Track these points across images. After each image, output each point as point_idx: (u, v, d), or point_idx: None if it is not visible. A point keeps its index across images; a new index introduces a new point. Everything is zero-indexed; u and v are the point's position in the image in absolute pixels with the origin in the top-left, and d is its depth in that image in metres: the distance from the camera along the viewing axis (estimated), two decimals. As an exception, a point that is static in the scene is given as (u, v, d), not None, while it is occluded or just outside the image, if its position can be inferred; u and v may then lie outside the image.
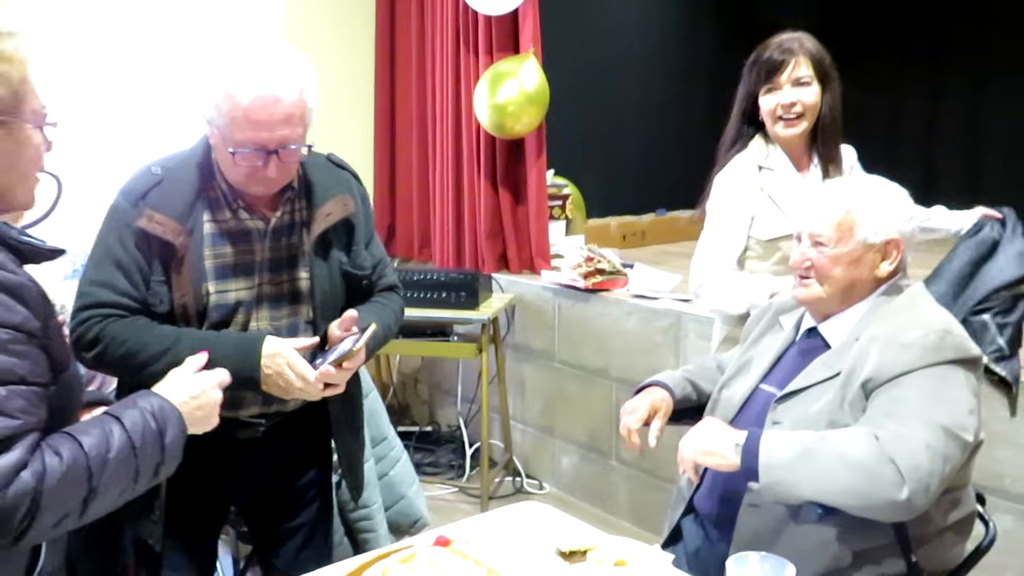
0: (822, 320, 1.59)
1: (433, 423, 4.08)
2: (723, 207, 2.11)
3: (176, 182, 1.55)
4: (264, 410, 1.67)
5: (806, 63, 1.99)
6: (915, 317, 1.46)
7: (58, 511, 1.05)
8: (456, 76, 3.70)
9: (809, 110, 2.00)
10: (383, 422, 2.68)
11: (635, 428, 1.67)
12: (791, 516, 1.44)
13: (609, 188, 4.92)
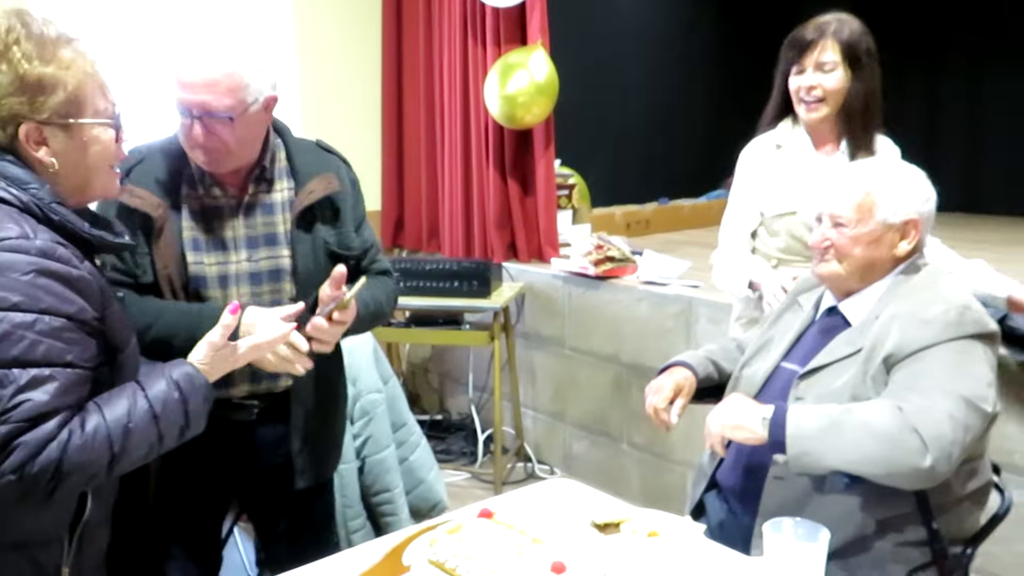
0: (842, 298, 1.64)
1: (444, 411, 4.13)
2: (736, 184, 2.20)
3: (156, 161, 1.65)
4: (254, 388, 1.70)
5: (833, 47, 1.98)
6: (935, 294, 1.52)
7: (83, 475, 1.17)
8: (464, 68, 3.74)
9: (831, 95, 1.99)
10: (403, 408, 2.73)
11: (662, 407, 1.72)
12: (815, 487, 1.49)
13: (613, 178, 4.98)
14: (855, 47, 1.98)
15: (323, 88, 4.00)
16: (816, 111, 2.02)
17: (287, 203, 1.70)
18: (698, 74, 5.78)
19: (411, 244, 4.24)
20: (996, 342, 1.52)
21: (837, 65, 1.98)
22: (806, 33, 2.02)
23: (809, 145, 2.10)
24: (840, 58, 1.98)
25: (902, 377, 1.45)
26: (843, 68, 1.98)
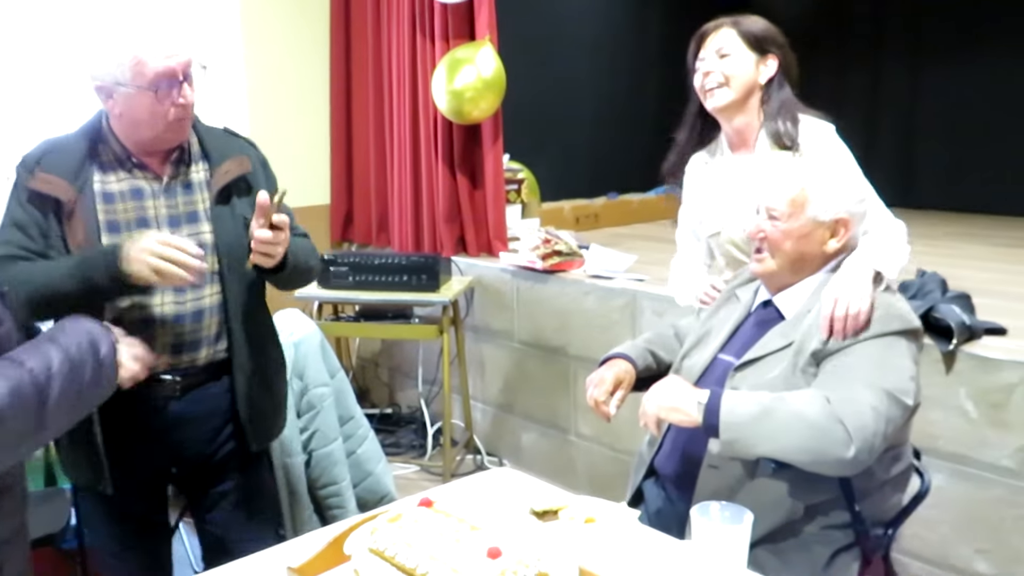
0: (776, 292, 1.70)
1: (393, 405, 4.14)
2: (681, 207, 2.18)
3: (66, 149, 1.72)
4: (175, 361, 1.74)
5: (731, 34, 1.92)
6: None
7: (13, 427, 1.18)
8: (413, 62, 3.75)
9: (733, 80, 1.90)
10: (351, 402, 2.74)
11: (602, 399, 1.77)
12: (747, 475, 1.55)
13: (562, 172, 5.02)
14: (756, 33, 1.92)
15: (270, 82, 3.97)
16: (716, 97, 1.92)
17: (204, 183, 1.79)
18: (647, 69, 5.85)
19: (360, 238, 4.24)
20: (919, 338, 1.59)
21: (737, 50, 1.91)
22: (706, 26, 1.98)
23: (728, 157, 2.03)
24: (741, 43, 1.91)
25: (830, 370, 1.52)
26: (745, 53, 1.91)
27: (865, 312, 1.52)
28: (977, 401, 2.25)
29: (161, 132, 1.69)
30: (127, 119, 1.68)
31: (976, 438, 2.25)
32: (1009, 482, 2.21)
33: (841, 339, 1.53)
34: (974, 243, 4.52)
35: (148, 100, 1.64)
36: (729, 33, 1.93)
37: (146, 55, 1.62)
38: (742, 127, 1.99)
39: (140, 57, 1.61)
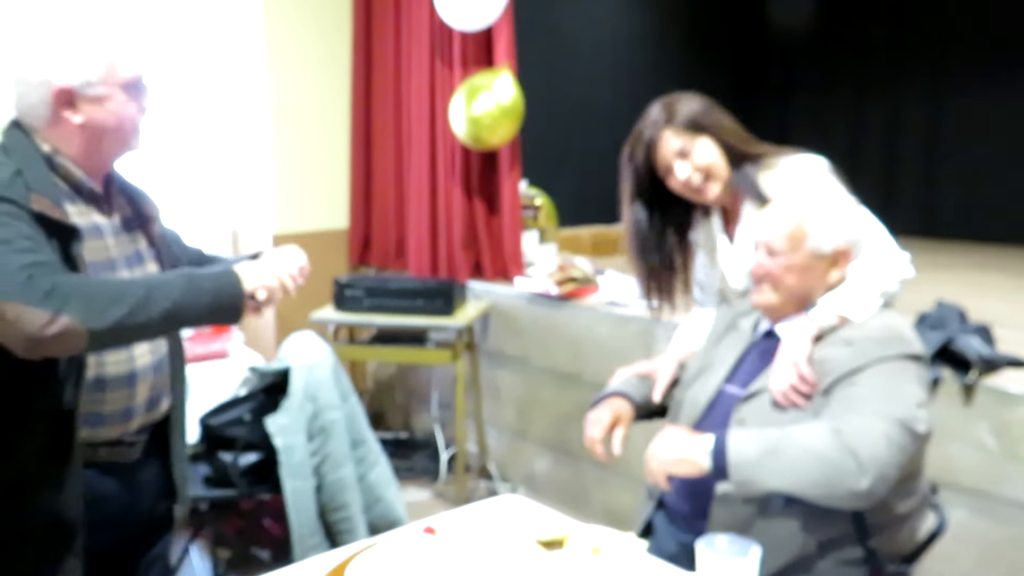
0: (777, 322, 1.68)
1: (408, 429, 4.13)
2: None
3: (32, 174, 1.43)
4: (147, 419, 1.60)
5: (671, 136, 1.83)
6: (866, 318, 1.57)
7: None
8: (431, 89, 3.78)
9: (711, 169, 1.82)
10: (363, 426, 2.74)
11: (599, 439, 1.75)
12: (759, 510, 1.53)
13: (580, 198, 5.03)
14: (689, 117, 1.83)
15: (294, 106, 4.02)
16: (707, 192, 1.84)
17: (131, 219, 1.62)
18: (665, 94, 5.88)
19: (378, 262, 4.25)
20: (925, 363, 1.56)
21: (691, 143, 1.82)
22: (641, 139, 1.88)
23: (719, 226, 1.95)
24: (688, 137, 1.82)
25: (838, 400, 1.49)
26: (698, 140, 1.82)
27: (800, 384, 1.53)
28: (998, 435, 2.21)
29: (126, 141, 1.53)
30: (91, 129, 1.47)
31: (996, 473, 2.21)
32: (1030, 519, 2.16)
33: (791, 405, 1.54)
34: (994, 274, 4.47)
35: (120, 102, 1.49)
36: (670, 136, 1.83)
37: (122, 53, 1.49)
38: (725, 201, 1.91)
39: (116, 54, 1.48)
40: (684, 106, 1.86)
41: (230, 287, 1.47)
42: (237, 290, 1.48)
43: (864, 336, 1.53)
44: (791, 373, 1.55)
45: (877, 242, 1.70)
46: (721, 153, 1.84)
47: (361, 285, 3.42)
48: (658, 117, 1.87)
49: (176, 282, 1.42)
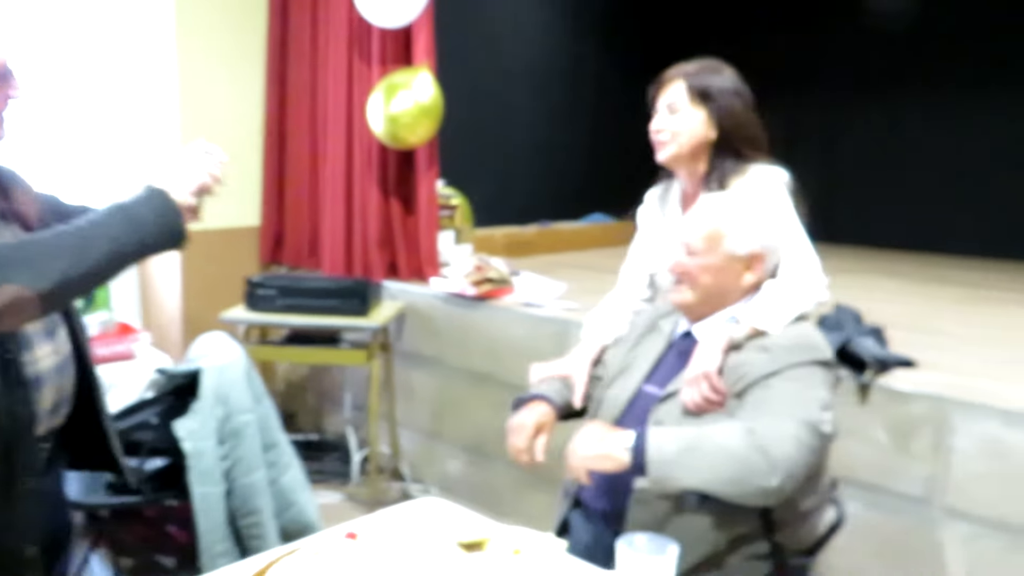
0: (695, 322, 1.74)
1: (320, 431, 4.08)
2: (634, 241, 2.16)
3: None
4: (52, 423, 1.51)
5: (681, 88, 1.91)
6: None
7: None
8: (349, 86, 3.74)
9: (679, 136, 1.91)
10: (275, 428, 2.68)
11: (523, 447, 1.76)
12: (674, 509, 1.58)
13: (495, 199, 5.05)
14: (706, 87, 1.89)
15: (203, 100, 3.91)
16: (663, 151, 1.94)
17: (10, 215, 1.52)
18: (580, 100, 5.96)
19: (291, 261, 4.18)
20: (833, 368, 1.65)
21: (685, 106, 1.90)
22: (663, 75, 1.98)
23: (676, 213, 2.04)
24: (689, 98, 1.90)
25: (752, 402, 1.55)
26: (693, 109, 1.90)
27: (711, 394, 1.58)
28: (890, 431, 2.34)
29: None
30: None
31: (888, 468, 2.33)
32: (918, 510, 2.29)
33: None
34: (886, 277, 4.71)
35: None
36: (680, 88, 1.91)
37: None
38: (692, 181, 1.99)
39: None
40: (713, 76, 1.92)
41: (165, 205, 1.40)
42: (173, 204, 1.40)
43: (778, 344, 1.59)
44: (702, 384, 1.60)
45: (801, 262, 1.77)
46: (709, 134, 1.90)
47: (274, 284, 3.35)
48: (687, 67, 1.94)
49: (109, 219, 1.34)
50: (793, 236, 1.80)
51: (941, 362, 2.55)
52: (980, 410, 2.19)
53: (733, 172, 1.89)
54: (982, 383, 2.37)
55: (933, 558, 2.26)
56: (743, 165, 1.90)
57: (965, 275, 4.88)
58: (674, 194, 2.08)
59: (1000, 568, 2.16)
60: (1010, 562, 2.14)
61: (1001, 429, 2.15)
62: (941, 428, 2.25)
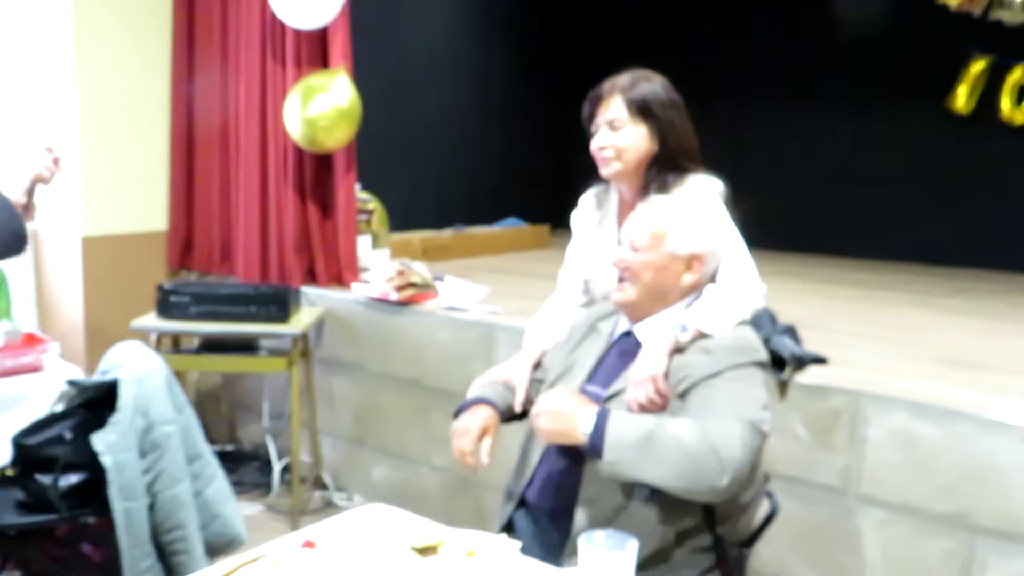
0: (636, 322, 1.79)
1: (235, 441, 3.96)
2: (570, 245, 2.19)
3: None
4: None
5: (622, 104, 1.94)
6: None
7: None
8: (263, 88, 3.66)
9: (624, 153, 1.95)
10: (198, 439, 2.60)
11: (469, 450, 1.76)
12: (623, 506, 1.61)
13: (410, 203, 5.03)
14: (645, 102, 1.94)
15: (103, 99, 3.75)
16: (608, 167, 1.98)
17: None
18: (492, 102, 5.99)
19: (201, 266, 4.05)
20: (768, 369, 1.72)
21: (626, 122, 1.94)
22: (600, 89, 2.00)
23: (612, 222, 2.09)
24: (629, 115, 1.94)
25: (696, 402, 1.60)
26: (633, 124, 1.94)
27: (656, 397, 1.63)
28: (808, 426, 2.45)
29: None
30: None
31: (807, 460, 2.45)
32: (836, 500, 2.41)
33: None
34: (784, 279, 4.92)
35: None
36: (619, 104, 1.95)
37: None
38: (632, 191, 2.04)
39: None
40: (649, 87, 1.96)
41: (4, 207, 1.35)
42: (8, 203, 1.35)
43: (720, 346, 1.65)
44: (648, 387, 1.64)
45: (740, 268, 1.85)
46: (649, 148, 1.95)
47: (188, 291, 3.24)
48: (622, 82, 1.97)
49: None
50: (732, 244, 1.87)
51: (849, 359, 2.69)
52: (891, 402, 2.33)
53: (674, 183, 1.95)
54: (888, 377, 2.52)
55: (850, 544, 2.39)
56: (682, 176, 1.96)
57: (858, 276, 5.14)
58: (612, 203, 2.12)
59: (911, 550, 2.30)
60: (920, 544, 2.28)
61: (910, 420, 2.29)
62: (856, 420, 2.37)
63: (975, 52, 5.38)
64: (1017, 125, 5.33)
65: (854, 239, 5.90)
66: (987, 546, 2.18)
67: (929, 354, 2.98)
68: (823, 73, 5.89)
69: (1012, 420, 2.16)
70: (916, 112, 5.58)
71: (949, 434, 2.23)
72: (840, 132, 5.88)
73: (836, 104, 5.83)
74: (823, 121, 5.93)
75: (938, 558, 2.26)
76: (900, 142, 5.68)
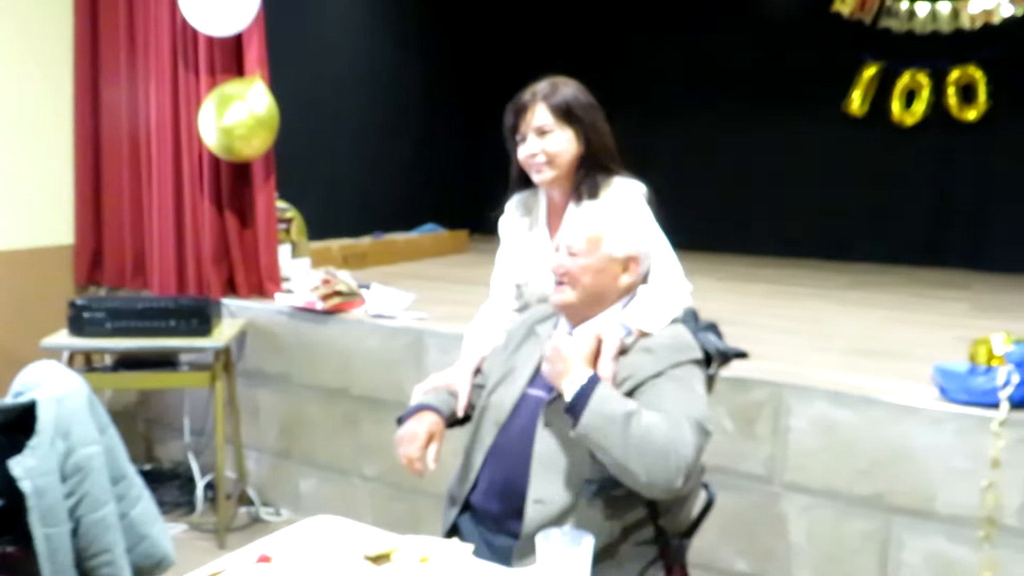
0: (576, 325, 1.83)
1: (153, 460, 3.83)
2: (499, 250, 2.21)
3: None
4: None
5: (546, 110, 1.98)
6: None
7: None
8: (175, 96, 3.55)
9: (556, 157, 1.99)
10: (122, 459, 2.50)
11: (416, 456, 1.76)
12: (571, 505, 1.64)
13: (327, 211, 4.97)
14: (569, 107, 1.98)
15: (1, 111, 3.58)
16: (542, 173, 2.02)
17: None
18: (407, 110, 5.98)
19: (111, 281, 3.90)
20: (703, 365, 1.79)
21: (553, 127, 1.98)
22: (521, 99, 2.02)
23: (542, 227, 2.13)
24: (555, 120, 1.98)
25: (643, 402, 1.62)
26: (560, 129, 1.99)
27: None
28: (733, 418, 2.55)
29: None
30: None
31: (734, 451, 2.54)
32: (761, 488, 2.52)
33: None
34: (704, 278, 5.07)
35: None
36: (543, 111, 1.99)
37: None
38: (563, 195, 2.08)
39: None
40: (569, 92, 2.01)
41: None
42: None
43: (660, 344, 1.71)
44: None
45: (668, 268, 1.91)
46: (577, 150, 2.00)
47: (102, 307, 3.12)
48: (543, 89, 2.01)
49: None
50: (659, 245, 1.94)
51: (767, 352, 2.81)
52: (811, 392, 2.44)
53: (603, 184, 2.01)
54: (805, 369, 2.65)
55: (777, 530, 2.49)
56: (609, 178, 2.02)
57: (764, 272, 5.36)
58: (541, 208, 2.16)
59: (833, 532, 2.42)
60: (841, 526, 2.40)
61: (829, 408, 2.41)
62: (778, 411, 2.48)
63: (867, 58, 5.68)
64: (907, 127, 5.66)
65: (757, 237, 6.13)
66: (903, 524, 2.32)
67: (839, 344, 3.14)
68: (724, 78, 6.11)
69: (922, 404, 2.30)
70: (815, 115, 5.85)
71: (866, 420, 2.35)
72: (740, 135, 6.10)
73: (737, 108, 6.05)
74: (724, 124, 6.15)
75: (858, 538, 2.38)
76: (799, 143, 5.95)
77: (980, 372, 2.24)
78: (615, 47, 6.43)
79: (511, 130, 2.07)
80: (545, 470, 1.68)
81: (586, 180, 2.02)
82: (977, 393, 2.22)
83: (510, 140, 2.08)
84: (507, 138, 2.08)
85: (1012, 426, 2.16)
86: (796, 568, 2.48)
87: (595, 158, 2.02)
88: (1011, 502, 2.18)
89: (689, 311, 2.93)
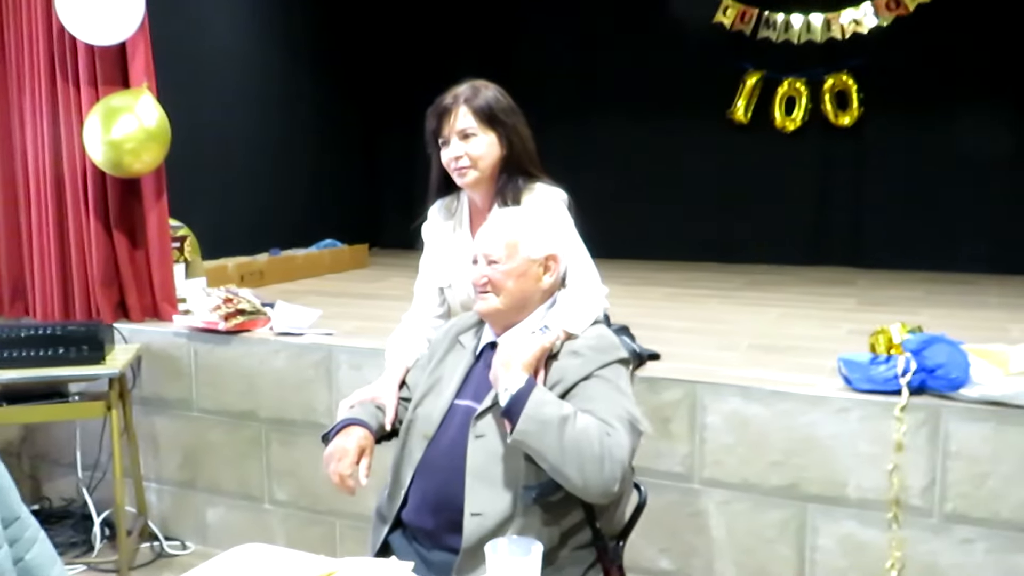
0: (501, 332, 1.81)
1: (42, 499, 3.58)
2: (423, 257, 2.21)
3: None
4: None
5: (468, 114, 1.99)
6: None
7: None
8: (53, 109, 3.35)
9: (479, 160, 2.00)
10: (14, 499, 2.31)
11: (348, 472, 1.71)
12: (509, 515, 1.62)
13: (220, 229, 4.78)
14: (491, 109, 2.00)
15: None
16: (466, 176, 2.03)
17: None
18: (301, 122, 5.84)
19: (-13, 309, 3.63)
20: (627, 364, 1.80)
21: (476, 130, 2.00)
22: (443, 102, 2.03)
23: (465, 231, 2.14)
24: (477, 123, 2.00)
25: (576, 404, 1.62)
26: (483, 132, 2.00)
27: None
28: (650, 418, 2.57)
29: None
30: None
31: (653, 451, 2.58)
32: (680, 485, 2.56)
33: None
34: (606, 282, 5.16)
35: None
36: (465, 114, 2.00)
37: None
38: (485, 198, 2.09)
39: None
40: (491, 94, 2.02)
41: None
42: None
43: (586, 345, 1.71)
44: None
45: (586, 272, 1.94)
46: (499, 153, 2.01)
47: (-19, 337, 2.90)
48: (464, 92, 2.02)
49: None
50: (577, 250, 1.96)
51: (677, 352, 2.87)
52: (723, 389, 2.51)
53: (524, 189, 2.02)
54: (715, 367, 2.72)
55: (697, 525, 2.54)
56: (531, 183, 2.03)
57: (663, 276, 5.49)
58: (463, 211, 2.15)
59: (751, 524, 2.49)
60: (758, 517, 2.47)
61: (741, 403, 2.48)
62: (694, 409, 2.53)
63: (748, 67, 5.92)
64: (789, 132, 5.93)
65: (654, 241, 6.26)
66: (816, 511, 2.41)
67: (743, 342, 3.24)
68: (613, 87, 6.23)
69: (828, 394, 2.39)
70: (705, 121, 6.03)
71: (776, 412, 2.43)
72: (633, 140, 6.23)
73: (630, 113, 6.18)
74: (613, 132, 6.26)
75: (775, 528, 2.46)
76: (691, 150, 6.11)
77: (881, 361, 2.35)
78: (506, 51, 6.45)
79: (433, 134, 2.06)
80: (480, 482, 1.65)
81: (508, 184, 2.03)
82: (879, 381, 2.33)
83: (432, 144, 2.07)
84: (428, 143, 2.08)
85: (912, 411, 2.28)
86: (717, 562, 2.54)
87: (517, 161, 2.04)
88: (915, 483, 2.29)
89: (604, 314, 2.97)
